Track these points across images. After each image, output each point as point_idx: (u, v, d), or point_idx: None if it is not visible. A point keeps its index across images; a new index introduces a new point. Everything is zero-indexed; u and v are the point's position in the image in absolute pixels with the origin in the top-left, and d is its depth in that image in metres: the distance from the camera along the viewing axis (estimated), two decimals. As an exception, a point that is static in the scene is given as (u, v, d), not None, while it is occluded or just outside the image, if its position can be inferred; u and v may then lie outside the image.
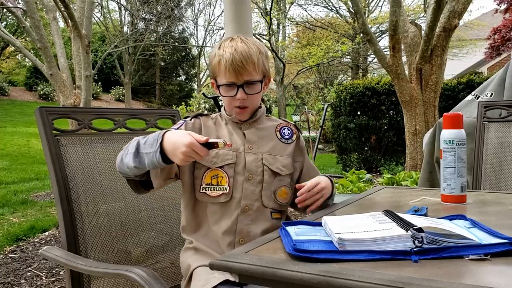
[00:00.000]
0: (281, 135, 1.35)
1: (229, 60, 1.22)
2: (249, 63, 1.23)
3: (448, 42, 5.43)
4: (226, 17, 3.24)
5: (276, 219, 1.30)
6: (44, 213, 4.66)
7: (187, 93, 24.90)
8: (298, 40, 21.07)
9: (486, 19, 18.27)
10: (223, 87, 1.27)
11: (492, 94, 2.95)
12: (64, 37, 10.92)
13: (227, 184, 1.25)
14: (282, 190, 1.30)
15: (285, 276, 0.75)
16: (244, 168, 1.27)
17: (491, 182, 1.82)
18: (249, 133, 1.31)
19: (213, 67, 1.30)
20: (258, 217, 1.27)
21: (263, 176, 1.27)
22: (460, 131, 1.26)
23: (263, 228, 1.27)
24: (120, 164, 1.19)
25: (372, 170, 6.86)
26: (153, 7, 21.96)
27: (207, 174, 1.27)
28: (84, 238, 1.37)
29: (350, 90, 7.04)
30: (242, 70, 1.23)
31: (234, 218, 1.25)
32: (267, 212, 1.28)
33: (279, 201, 1.30)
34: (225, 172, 1.26)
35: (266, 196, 1.28)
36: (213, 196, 1.26)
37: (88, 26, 6.34)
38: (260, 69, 1.28)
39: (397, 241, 0.81)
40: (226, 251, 1.23)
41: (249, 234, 1.25)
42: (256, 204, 1.26)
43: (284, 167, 1.31)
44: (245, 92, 1.25)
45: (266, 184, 1.27)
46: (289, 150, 1.34)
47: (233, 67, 1.22)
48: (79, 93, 6.38)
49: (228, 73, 1.23)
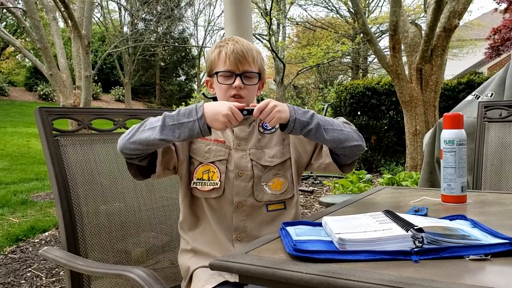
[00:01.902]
0: (264, 128, 1.35)
1: (230, 49, 1.27)
2: (249, 55, 1.28)
3: (448, 42, 5.43)
4: (226, 17, 3.24)
5: (275, 210, 1.30)
6: (44, 213, 4.66)
7: (187, 93, 24.89)
8: (298, 40, 21.08)
9: (486, 19, 18.27)
10: (221, 74, 1.28)
11: (492, 94, 2.95)
12: (64, 37, 10.94)
13: (218, 179, 1.26)
14: (275, 181, 1.30)
15: (286, 276, 0.75)
16: (234, 165, 1.28)
17: (492, 182, 1.82)
18: (238, 130, 1.32)
19: (211, 60, 1.32)
20: (252, 212, 1.27)
21: (253, 171, 1.28)
22: (461, 131, 1.26)
23: (259, 223, 1.27)
24: (126, 144, 1.16)
25: (372, 170, 6.86)
26: (153, 7, 21.97)
27: (198, 169, 1.28)
28: (84, 239, 1.36)
29: (350, 90, 7.04)
30: (242, 59, 1.27)
31: (229, 215, 1.27)
32: (262, 206, 1.28)
33: (274, 193, 1.29)
34: (216, 168, 1.27)
35: (258, 190, 1.28)
36: (204, 190, 1.27)
37: (88, 27, 6.34)
38: (258, 65, 1.32)
39: (397, 241, 0.81)
40: (225, 248, 1.24)
41: (246, 229, 1.26)
42: (250, 199, 1.27)
43: (272, 158, 1.30)
44: (242, 82, 1.27)
45: (257, 178, 1.28)
46: (274, 139, 1.33)
47: (234, 55, 1.26)
48: (79, 93, 6.38)
49: (228, 61, 1.27)
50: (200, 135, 1.14)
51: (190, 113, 1.13)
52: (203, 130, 1.12)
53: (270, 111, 1.12)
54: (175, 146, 1.28)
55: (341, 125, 1.22)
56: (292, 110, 1.14)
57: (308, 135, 1.16)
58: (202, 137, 1.20)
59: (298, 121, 1.13)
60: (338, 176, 5.92)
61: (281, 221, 1.11)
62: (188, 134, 1.12)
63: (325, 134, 1.16)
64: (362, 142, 1.24)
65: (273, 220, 1.28)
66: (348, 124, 1.26)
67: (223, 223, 1.27)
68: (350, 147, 1.21)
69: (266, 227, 1.27)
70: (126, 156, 1.20)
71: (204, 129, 1.12)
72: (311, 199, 5.09)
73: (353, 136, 1.22)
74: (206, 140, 1.31)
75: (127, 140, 1.16)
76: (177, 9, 23.71)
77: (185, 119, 1.13)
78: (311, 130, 1.15)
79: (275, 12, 16.20)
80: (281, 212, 1.30)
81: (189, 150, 1.31)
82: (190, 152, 1.31)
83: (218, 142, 1.31)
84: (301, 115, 1.14)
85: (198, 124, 1.11)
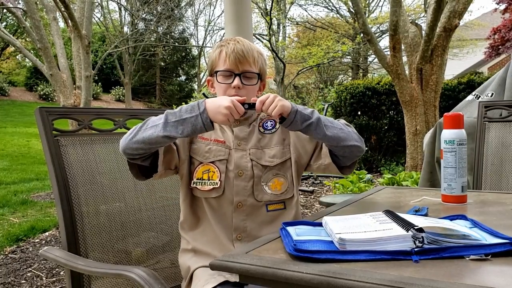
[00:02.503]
0: (264, 128, 1.35)
1: (231, 49, 1.27)
2: (249, 55, 1.28)
3: (448, 42, 5.43)
4: (226, 17, 3.24)
5: (276, 210, 1.29)
6: (44, 213, 4.66)
7: (187, 93, 24.89)
8: (298, 40, 21.07)
9: (486, 19, 18.26)
10: (221, 74, 1.29)
11: (493, 94, 2.95)
12: (64, 37, 10.93)
13: (218, 179, 1.26)
14: (275, 181, 1.30)
15: (286, 276, 0.75)
16: (234, 164, 1.28)
17: (492, 182, 1.82)
18: (238, 130, 1.32)
19: (212, 59, 1.33)
20: (252, 212, 1.27)
21: (253, 171, 1.28)
22: (461, 131, 1.26)
23: (259, 223, 1.27)
24: (129, 143, 1.16)
25: (373, 170, 6.86)
26: (153, 7, 21.97)
27: (198, 169, 1.29)
28: (84, 238, 1.36)
29: (350, 90, 7.04)
30: (242, 59, 1.27)
31: (229, 215, 1.27)
32: (262, 206, 1.28)
33: (274, 193, 1.29)
34: (216, 167, 1.28)
35: (259, 190, 1.28)
36: (204, 190, 1.27)
37: (88, 27, 6.34)
38: (258, 66, 1.32)
39: (397, 241, 0.81)
40: (226, 248, 1.24)
41: (246, 229, 1.26)
42: (250, 199, 1.27)
43: (273, 158, 1.30)
44: (241, 82, 1.27)
45: (257, 178, 1.28)
46: (274, 139, 1.33)
47: (234, 54, 1.27)
48: (79, 93, 6.38)
49: (228, 60, 1.27)
50: (204, 130, 1.14)
51: (192, 109, 1.14)
52: (206, 124, 1.12)
53: (272, 101, 1.13)
54: (176, 145, 1.28)
55: (341, 125, 1.23)
56: (293, 104, 1.16)
57: (309, 130, 1.16)
58: (205, 132, 1.21)
59: (299, 113, 1.14)
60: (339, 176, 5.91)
61: (281, 221, 1.11)
62: (192, 129, 1.13)
63: (325, 129, 1.16)
64: (362, 144, 1.24)
65: (273, 220, 1.28)
66: (348, 125, 1.26)
67: (223, 222, 1.27)
68: (350, 146, 1.21)
69: (266, 227, 1.27)
70: (129, 157, 1.20)
71: (207, 123, 1.12)
72: (311, 199, 5.09)
73: (353, 136, 1.22)
74: (206, 140, 1.31)
75: (130, 140, 1.16)
76: (177, 9, 23.71)
77: (187, 114, 1.13)
78: (312, 124, 1.15)
79: (275, 12, 16.20)
80: (281, 212, 1.30)
81: (190, 150, 1.31)
82: (191, 152, 1.31)
83: (218, 142, 1.31)
84: (302, 109, 1.16)
85: (201, 118, 1.12)
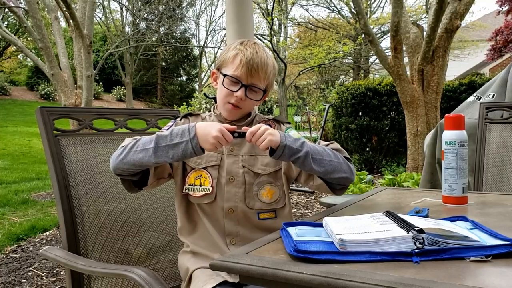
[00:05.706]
0: None
1: (247, 58, 1.25)
2: (263, 71, 1.27)
3: (450, 43, 5.43)
4: (227, 17, 3.24)
5: (267, 219, 1.28)
6: (45, 212, 4.67)
7: (188, 93, 24.91)
8: (299, 41, 21.09)
9: (488, 21, 18.26)
10: (228, 79, 1.27)
11: (494, 95, 2.95)
12: (66, 37, 10.95)
13: (210, 185, 1.25)
14: (267, 189, 1.28)
15: (286, 277, 0.75)
16: (226, 170, 1.27)
17: (493, 183, 1.82)
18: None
19: (225, 57, 1.29)
20: (243, 218, 1.26)
21: (245, 177, 1.27)
22: (462, 132, 1.26)
23: (251, 229, 1.26)
24: (119, 164, 1.17)
25: (373, 171, 6.86)
26: (155, 7, 22.01)
27: (190, 175, 1.28)
28: (85, 238, 1.37)
29: (351, 90, 7.04)
30: (254, 73, 1.25)
31: (221, 220, 1.26)
32: (253, 213, 1.27)
33: (265, 201, 1.28)
34: (208, 173, 1.27)
35: (250, 197, 1.27)
36: (196, 196, 1.26)
37: (89, 26, 6.35)
38: (267, 82, 1.31)
39: (398, 242, 0.81)
40: (223, 252, 1.23)
41: (238, 234, 1.25)
42: (240, 205, 1.26)
43: (266, 166, 1.29)
44: (245, 94, 1.26)
45: (249, 185, 1.27)
46: None
47: (248, 65, 1.24)
48: (80, 93, 6.38)
49: (241, 68, 1.25)
50: (194, 155, 1.14)
51: (183, 133, 1.14)
52: (196, 150, 1.13)
53: (262, 133, 1.12)
54: None
55: (331, 155, 1.20)
56: (283, 136, 1.14)
57: (296, 163, 1.16)
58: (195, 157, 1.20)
59: (288, 147, 1.13)
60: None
61: (272, 230, 1.09)
62: (182, 154, 1.13)
63: (312, 163, 1.16)
64: (351, 175, 1.23)
65: (264, 228, 1.26)
66: (339, 152, 1.25)
67: (217, 227, 1.26)
68: (337, 178, 1.21)
69: (259, 234, 1.24)
70: (120, 175, 1.22)
71: (197, 149, 1.13)
72: (312, 199, 5.09)
73: (342, 168, 1.21)
74: None
75: (121, 160, 1.17)
76: (179, 9, 23.74)
77: (178, 139, 1.13)
78: (299, 158, 1.14)
79: (277, 12, 16.21)
80: (272, 221, 1.28)
81: None
82: None
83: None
84: (292, 143, 1.14)
85: (191, 144, 1.12)
